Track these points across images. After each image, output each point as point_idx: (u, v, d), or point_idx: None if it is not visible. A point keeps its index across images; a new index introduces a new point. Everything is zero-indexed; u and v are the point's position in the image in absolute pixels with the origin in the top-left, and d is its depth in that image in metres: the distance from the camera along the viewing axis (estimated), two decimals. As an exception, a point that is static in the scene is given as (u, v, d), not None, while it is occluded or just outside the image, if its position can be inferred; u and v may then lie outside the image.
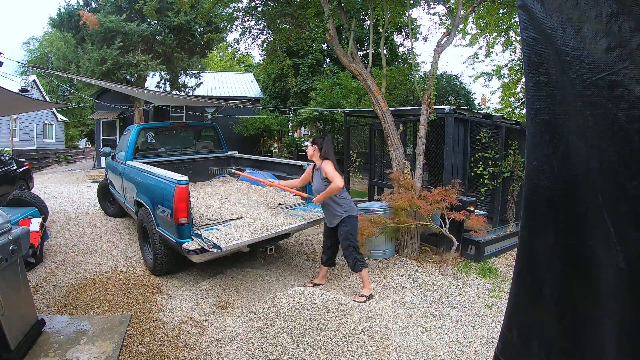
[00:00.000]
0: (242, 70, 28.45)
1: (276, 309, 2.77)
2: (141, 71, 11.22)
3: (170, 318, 2.99)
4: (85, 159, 20.78)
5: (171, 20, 11.36)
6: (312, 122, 15.97)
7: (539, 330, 0.86)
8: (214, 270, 3.89)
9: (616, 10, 0.61)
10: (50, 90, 24.15)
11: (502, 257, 4.53)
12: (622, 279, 0.65)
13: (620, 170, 0.63)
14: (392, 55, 18.16)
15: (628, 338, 0.66)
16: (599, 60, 0.64)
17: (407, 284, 3.70)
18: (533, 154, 0.82)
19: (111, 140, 14.72)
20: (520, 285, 0.90)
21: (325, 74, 17.70)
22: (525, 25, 0.80)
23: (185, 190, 3.18)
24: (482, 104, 17.70)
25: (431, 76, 4.53)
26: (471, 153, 4.88)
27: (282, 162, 5.14)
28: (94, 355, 2.41)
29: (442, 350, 2.59)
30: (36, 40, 29.83)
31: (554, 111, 0.77)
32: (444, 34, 4.65)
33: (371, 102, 4.76)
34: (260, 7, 6.56)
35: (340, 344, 2.49)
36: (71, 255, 4.46)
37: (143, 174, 4.02)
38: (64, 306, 3.17)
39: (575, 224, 0.76)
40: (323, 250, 3.64)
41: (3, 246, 2.21)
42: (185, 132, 6.38)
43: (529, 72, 0.82)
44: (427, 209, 3.94)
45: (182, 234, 3.20)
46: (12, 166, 7.16)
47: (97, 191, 6.63)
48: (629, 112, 0.60)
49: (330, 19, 4.71)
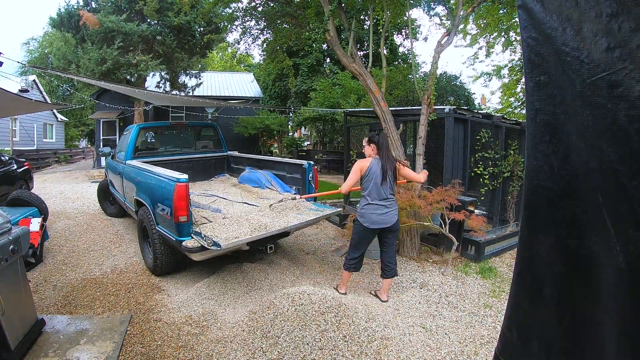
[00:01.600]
0: (242, 70, 28.46)
1: (276, 308, 2.77)
2: (141, 71, 11.22)
3: (170, 318, 2.99)
4: (85, 159, 20.78)
5: (171, 20, 11.37)
6: (312, 122, 15.99)
7: (539, 330, 0.86)
8: (214, 270, 3.89)
9: (616, 10, 0.61)
10: (51, 91, 24.17)
11: (502, 257, 4.53)
12: (622, 279, 0.65)
13: (620, 170, 0.63)
14: (392, 55, 18.17)
15: (628, 338, 0.66)
16: (598, 60, 0.64)
17: (407, 284, 3.70)
18: (533, 154, 0.82)
19: (111, 140, 14.73)
20: (520, 285, 0.90)
21: (325, 74, 17.70)
22: (525, 25, 0.80)
23: (185, 188, 3.18)
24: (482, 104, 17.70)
25: (431, 76, 4.53)
26: (471, 153, 4.88)
27: (281, 161, 5.15)
28: (94, 355, 2.41)
29: (442, 350, 2.59)
30: (36, 40, 29.88)
31: (554, 111, 0.77)
32: (444, 34, 4.65)
33: (371, 102, 4.76)
34: (261, 7, 6.56)
35: (340, 344, 2.49)
36: (71, 255, 4.46)
37: (143, 173, 4.02)
38: (63, 306, 3.17)
39: (575, 224, 0.76)
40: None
41: (3, 246, 2.21)
42: (185, 132, 6.39)
43: (529, 72, 0.82)
44: (427, 209, 3.94)
45: (181, 232, 3.20)
46: (12, 166, 7.16)
47: (97, 191, 6.63)
48: (628, 112, 0.60)
49: (331, 19, 4.71)
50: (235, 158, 6.11)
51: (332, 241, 5.24)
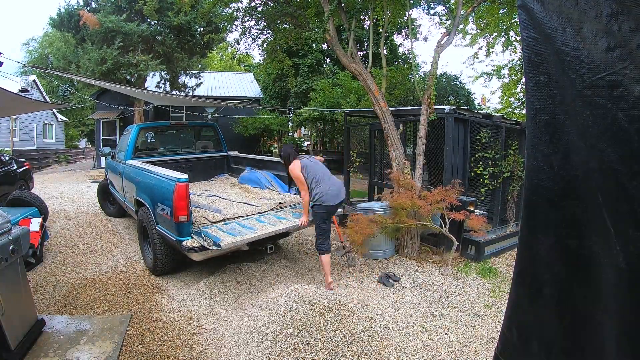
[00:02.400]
0: (242, 70, 28.46)
1: (276, 309, 2.77)
2: (141, 71, 11.22)
3: (170, 318, 2.99)
4: (85, 159, 20.78)
5: (171, 20, 11.37)
6: (312, 122, 15.98)
7: (539, 330, 0.86)
8: (214, 270, 3.89)
9: (616, 10, 0.61)
10: (51, 91, 24.16)
11: (502, 257, 4.53)
12: (622, 279, 0.65)
13: (620, 170, 0.63)
14: (392, 55, 18.16)
15: (628, 338, 0.66)
16: (598, 60, 0.64)
17: (407, 284, 3.70)
18: (533, 154, 0.82)
19: (111, 140, 14.72)
20: (520, 285, 0.90)
21: (325, 74, 17.70)
22: (525, 25, 0.80)
23: (185, 188, 3.18)
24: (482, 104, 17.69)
25: (431, 76, 4.53)
26: (471, 153, 4.88)
27: (281, 161, 5.14)
28: (94, 355, 2.41)
29: (442, 350, 2.59)
30: (36, 40, 29.87)
31: (554, 111, 0.77)
32: (444, 34, 4.65)
33: (371, 102, 4.76)
34: (260, 7, 6.56)
35: (341, 344, 2.49)
36: (71, 255, 4.46)
37: (143, 173, 4.02)
38: (64, 306, 3.17)
39: (575, 224, 0.76)
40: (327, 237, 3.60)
41: (3, 246, 2.21)
42: (185, 132, 6.39)
43: (529, 72, 0.82)
44: (427, 209, 3.94)
45: (181, 232, 3.20)
46: (12, 166, 7.16)
47: (97, 191, 6.64)
48: (628, 112, 0.60)
49: (330, 19, 4.71)
50: (235, 158, 6.11)
51: (332, 241, 5.23)
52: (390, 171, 4.64)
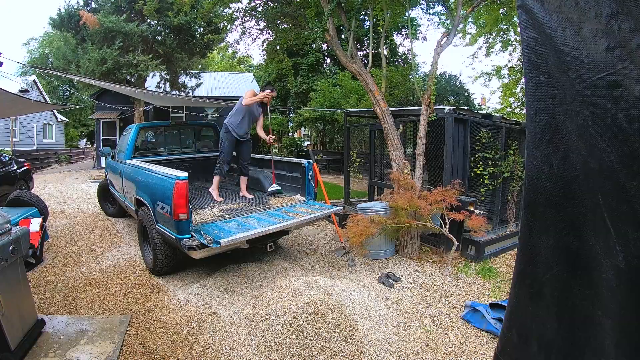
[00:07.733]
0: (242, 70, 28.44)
1: (276, 309, 2.77)
2: (141, 71, 11.22)
3: (170, 318, 2.99)
4: (85, 159, 20.78)
5: (171, 20, 11.37)
6: (312, 123, 15.98)
7: (539, 330, 0.86)
8: (214, 270, 3.89)
9: (616, 10, 0.61)
10: (51, 91, 24.15)
11: (502, 257, 4.52)
12: (622, 279, 0.65)
13: (620, 170, 0.63)
14: (392, 55, 18.17)
15: (628, 338, 0.66)
16: (598, 60, 0.64)
17: (407, 284, 3.70)
18: (533, 154, 0.82)
19: (111, 140, 14.72)
20: (520, 285, 0.90)
21: (325, 74, 17.70)
22: (525, 25, 0.80)
23: (185, 186, 3.18)
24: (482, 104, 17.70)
25: (431, 76, 4.53)
26: (471, 153, 4.88)
27: (281, 160, 5.17)
28: (94, 355, 2.41)
29: (442, 350, 2.59)
30: (36, 40, 29.89)
31: (554, 111, 0.77)
32: (444, 34, 4.65)
33: (371, 102, 4.76)
34: (260, 7, 6.56)
35: (340, 344, 2.49)
36: (71, 255, 4.46)
37: (142, 172, 4.02)
38: (64, 306, 3.17)
39: (575, 224, 0.76)
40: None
41: (3, 246, 2.21)
42: (185, 132, 6.39)
43: (529, 72, 0.82)
44: (427, 209, 3.94)
45: (181, 230, 3.20)
46: (12, 166, 7.15)
47: (97, 191, 6.63)
48: (628, 112, 0.60)
49: (330, 19, 4.71)
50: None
51: (332, 241, 5.24)
52: (390, 171, 4.64)
